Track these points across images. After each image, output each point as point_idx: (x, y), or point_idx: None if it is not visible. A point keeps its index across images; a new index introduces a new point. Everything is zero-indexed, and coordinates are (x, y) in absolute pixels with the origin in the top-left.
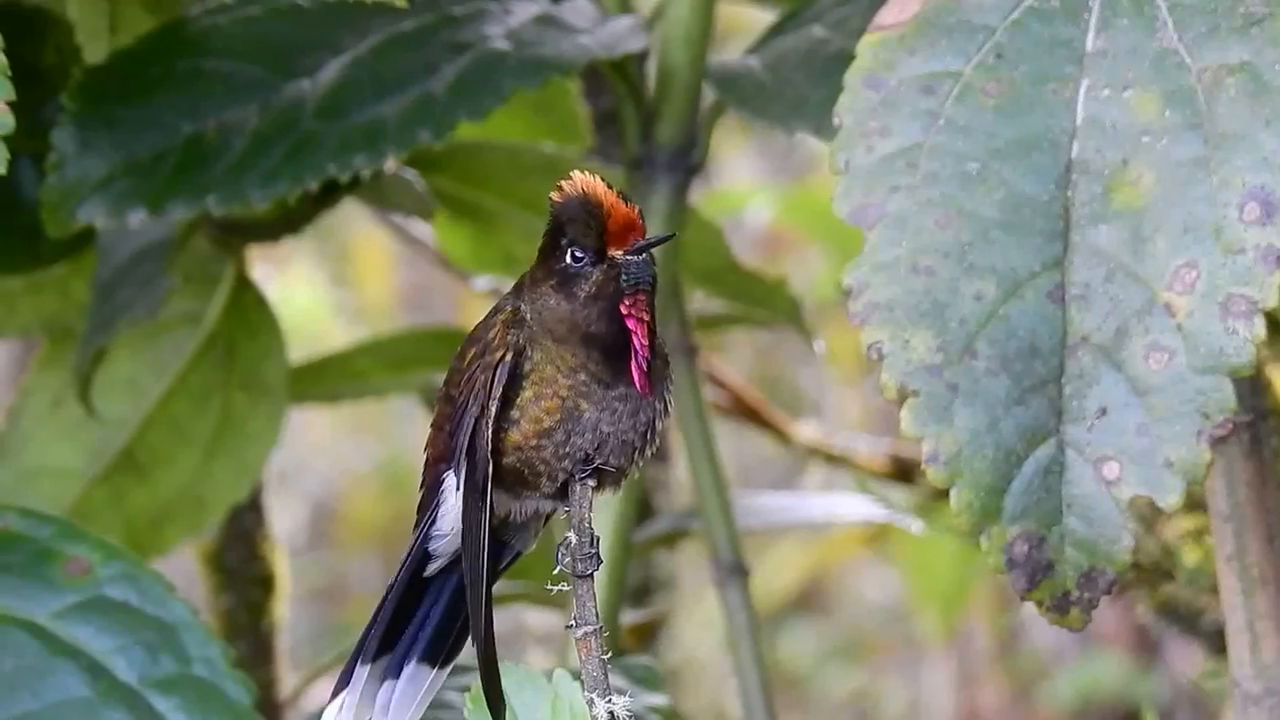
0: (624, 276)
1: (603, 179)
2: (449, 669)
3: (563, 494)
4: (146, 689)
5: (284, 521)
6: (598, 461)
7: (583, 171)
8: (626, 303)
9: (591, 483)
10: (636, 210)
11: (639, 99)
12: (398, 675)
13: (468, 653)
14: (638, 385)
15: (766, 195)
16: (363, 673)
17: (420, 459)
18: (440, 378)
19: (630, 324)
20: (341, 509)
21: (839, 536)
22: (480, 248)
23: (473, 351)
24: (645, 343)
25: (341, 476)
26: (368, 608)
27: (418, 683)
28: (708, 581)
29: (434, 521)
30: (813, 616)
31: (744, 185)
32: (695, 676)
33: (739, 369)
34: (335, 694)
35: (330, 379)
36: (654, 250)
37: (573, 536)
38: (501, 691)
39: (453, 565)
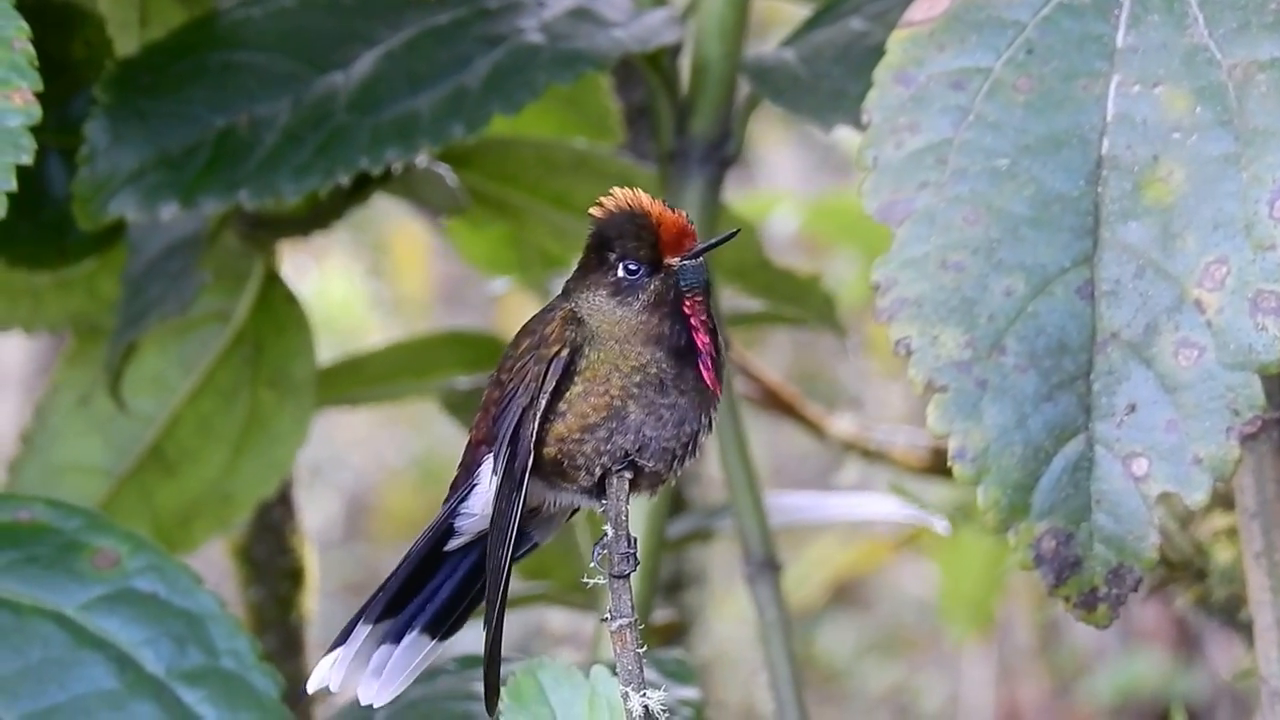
0: (681, 282)
1: (642, 191)
2: (446, 642)
3: (599, 490)
4: (174, 681)
5: (318, 515)
6: (636, 460)
7: (624, 186)
8: (686, 305)
9: (629, 475)
10: (685, 215)
11: (673, 92)
12: (398, 641)
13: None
14: (708, 382)
15: (792, 202)
16: (362, 632)
17: (455, 454)
18: (458, 381)
19: (693, 325)
20: (376, 502)
21: (874, 541)
22: (497, 250)
23: (526, 342)
24: (709, 341)
25: (376, 470)
26: None
27: (415, 651)
28: (739, 575)
29: (465, 499)
30: (851, 611)
31: (785, 179)
32: (726, 671)
33: (778, 363)
34: (331, 649)
35: (346, 384)
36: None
37: (609, 530)
38: (499, 679)
39: (473, 544)
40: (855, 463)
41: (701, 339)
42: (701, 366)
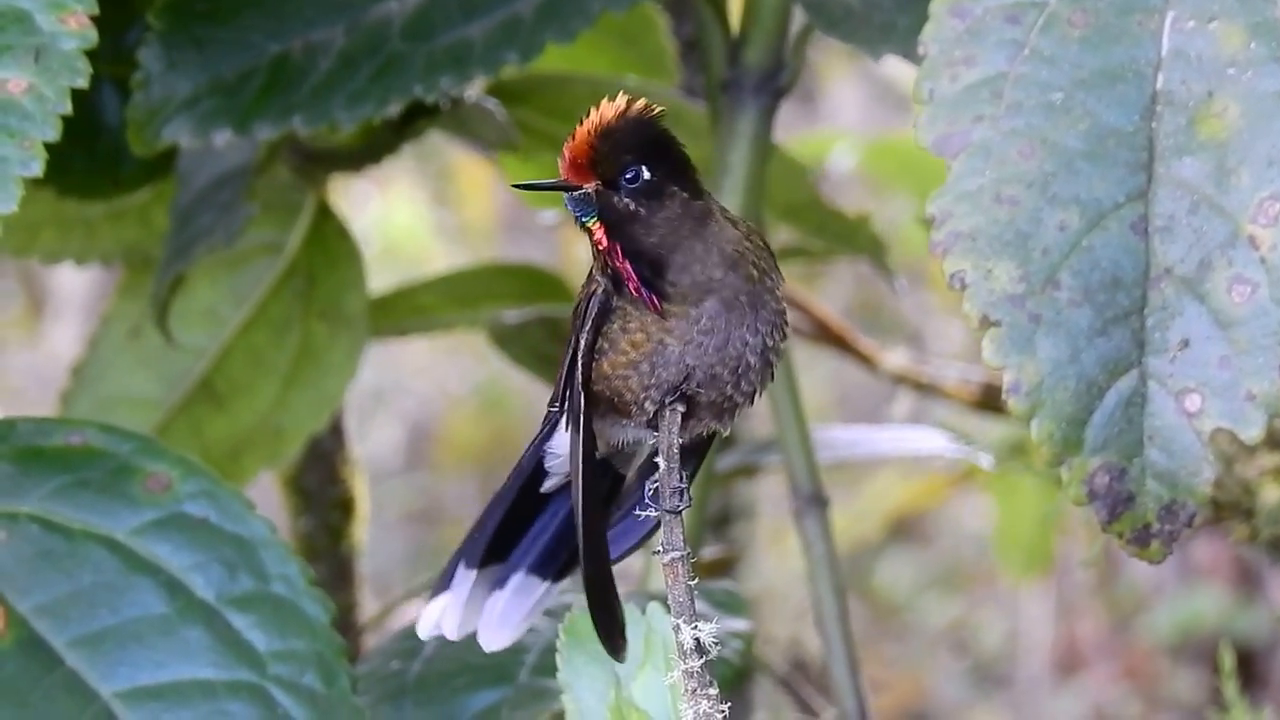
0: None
1: (613, 110)
2: (559, 584)
3: (656, 424)
4: (224, 606)
5: (380, 443)
6: (686, 390)
7: (676, 123)
8: (593, 235)
9: (681, 408)
10: (565, 154)
11: (725, 22)
12: (503, 586)
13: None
14: (649, 305)
15: (850, 141)
16: (467, 576)
17: (517, 383)
18: (508, 313)
19: (608, 252)
20: (438, 431)
21: (931, 478)
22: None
23: (583, 283)
24: (627, 265)
25: (438, 398)
26: (463, 530)
27: (526, 594)
28: (787, 510)
29: (549, 438)
30: (911, 546)
31: (847, 114)
32: (774, 605)
33: (839, 297)
34: (435, 594)
35: (398, 314)
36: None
37: (661, 464)
38: (611, 620)
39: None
40: (908, 396)
41: (619, 264)
42: (634, 292)
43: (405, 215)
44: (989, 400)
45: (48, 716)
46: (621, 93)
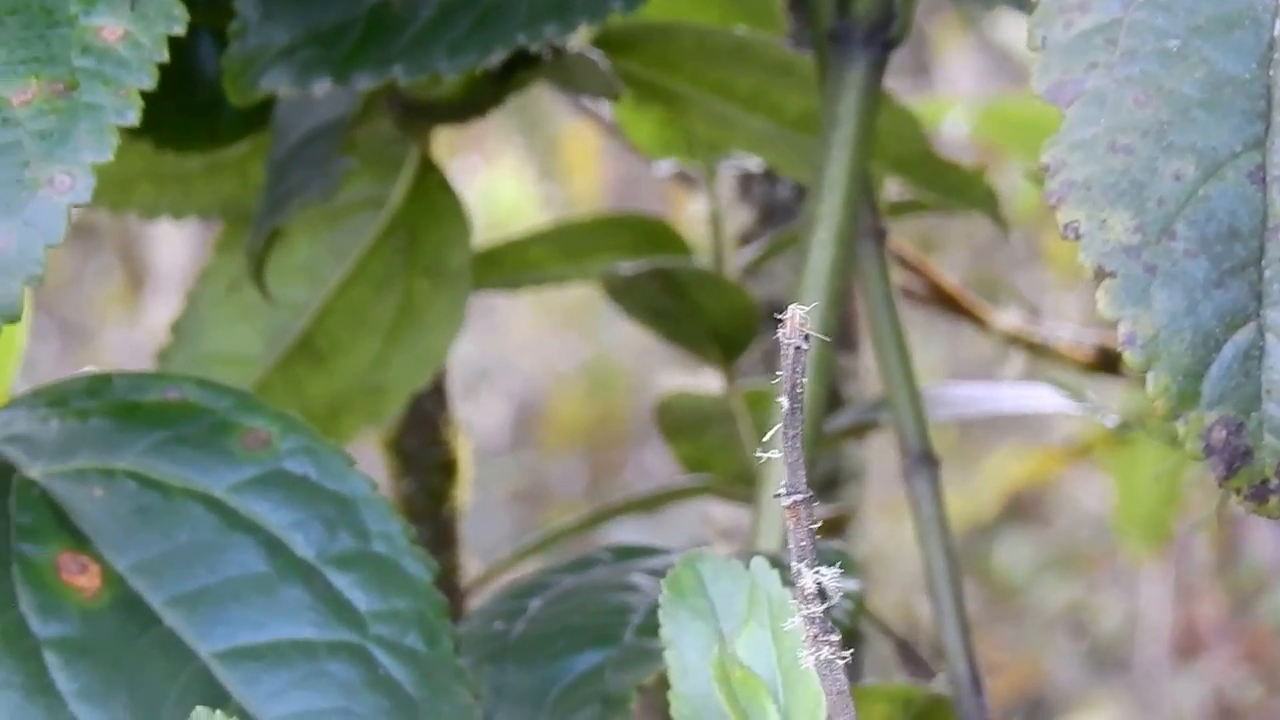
0: None
1: None
2: None
3: None
4: (324, 565)
5: (486, 421)
6: None
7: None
8: None
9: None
10: None
11: None
12: None
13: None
14: None
15: (965, 107)
16: None
17: (625, 360)
18: (621, 265)
19: None
20: (545, 409)
21: (1049, 451)
22: (663, 131)
23: None
24: None
25: (546, 375)
26: (569, 510)
27: None
28: (897, 476)
29: None
30: (1028, 527)
31: (962, 85)
32: (884, 572)
33: (954, 271)
34: None
35: (508, 266)
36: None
37: (785, 404)
38: None
39: None
40: (1020, 358)
41: None
42: None
43: (511, 189)
44: (1103, 362)
45: (145, 676)
46: None
